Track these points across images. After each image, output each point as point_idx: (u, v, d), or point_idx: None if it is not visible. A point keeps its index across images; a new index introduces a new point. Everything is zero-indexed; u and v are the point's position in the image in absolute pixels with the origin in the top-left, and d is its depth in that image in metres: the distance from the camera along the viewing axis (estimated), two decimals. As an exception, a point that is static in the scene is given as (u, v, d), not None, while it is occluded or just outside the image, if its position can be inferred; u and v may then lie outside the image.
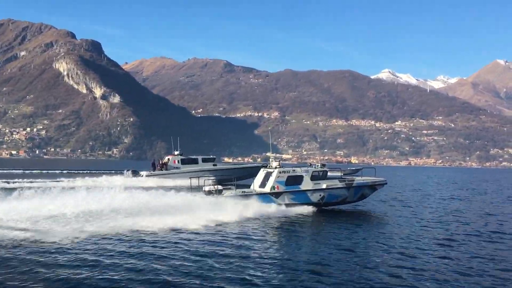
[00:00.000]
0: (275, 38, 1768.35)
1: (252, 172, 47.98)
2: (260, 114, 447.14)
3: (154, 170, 50.92)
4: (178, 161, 51.01)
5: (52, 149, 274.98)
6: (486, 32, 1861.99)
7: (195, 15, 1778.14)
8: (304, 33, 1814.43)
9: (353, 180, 28.01)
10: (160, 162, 52.49)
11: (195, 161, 51.62)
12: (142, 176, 48.99)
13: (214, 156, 55.60)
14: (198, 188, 26.78)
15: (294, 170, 26.61)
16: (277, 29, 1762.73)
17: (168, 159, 51.96)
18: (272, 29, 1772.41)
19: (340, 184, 27.17)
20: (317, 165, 27.70)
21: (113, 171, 60.29)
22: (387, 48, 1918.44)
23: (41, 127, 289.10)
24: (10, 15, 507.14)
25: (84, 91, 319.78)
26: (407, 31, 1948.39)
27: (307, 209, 25.83)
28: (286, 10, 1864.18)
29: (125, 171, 51.09)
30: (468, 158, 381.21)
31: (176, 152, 52.52)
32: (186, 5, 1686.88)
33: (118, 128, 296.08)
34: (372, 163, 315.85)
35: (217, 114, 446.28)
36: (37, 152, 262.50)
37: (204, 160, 51.96)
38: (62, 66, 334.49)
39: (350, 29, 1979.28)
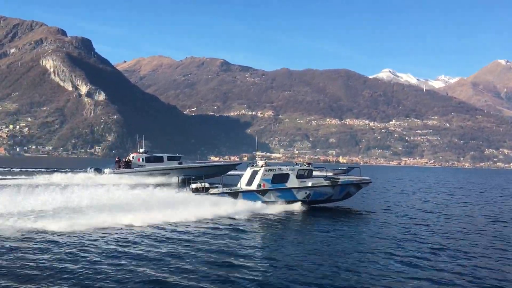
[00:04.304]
0: (276, 37, 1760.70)
1: (219, 171, 49.81)
2: (253, 113, 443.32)
3: (119, 168, 50.30)
4: (142, 159, 50.66)
5: (34, 147, 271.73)
6: (487, 32, 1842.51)
7: (194, 14, 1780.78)
8: (305, 33, 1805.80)
9: (338, 179, 28.66)
10: (124, 160, 51.76)
11: (160, 159, 51.38)
12: (106, 173, 48.32)
13: (180, 155, 55.64)
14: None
15: (280, 169, 27.04)
16: (279, 28, 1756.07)
17: (133, 156, 51.39)
18: (273, 28, 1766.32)
19: (325, 183, 27.69)
20: (304, 164, 28.05)
21: (69, 169, 58.30)
22: (389, 48, 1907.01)
23: (24, 124, 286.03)
24: (2, 13, 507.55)
25: (70, 88, 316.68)
26: (409, 31, 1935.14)
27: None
28: (287, 10, 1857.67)
29: (88, 169, 50.45)
30: (462, 158, 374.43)
31: (141, 150, 52.35)
32: (185, 4, 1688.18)
33: (102, 126, 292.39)
34: (362, 163, 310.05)
35: (211, 113, 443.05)
36: (17, 150, 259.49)
37: (169, 158, 51.78)
38: (48, 63, 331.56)
39: (352, 28, 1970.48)
